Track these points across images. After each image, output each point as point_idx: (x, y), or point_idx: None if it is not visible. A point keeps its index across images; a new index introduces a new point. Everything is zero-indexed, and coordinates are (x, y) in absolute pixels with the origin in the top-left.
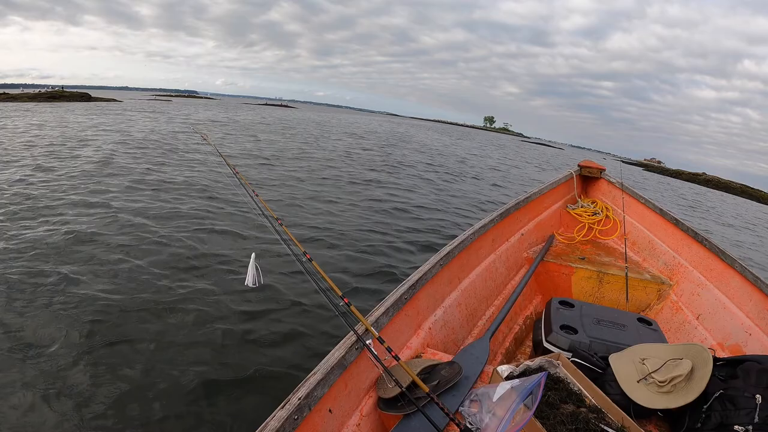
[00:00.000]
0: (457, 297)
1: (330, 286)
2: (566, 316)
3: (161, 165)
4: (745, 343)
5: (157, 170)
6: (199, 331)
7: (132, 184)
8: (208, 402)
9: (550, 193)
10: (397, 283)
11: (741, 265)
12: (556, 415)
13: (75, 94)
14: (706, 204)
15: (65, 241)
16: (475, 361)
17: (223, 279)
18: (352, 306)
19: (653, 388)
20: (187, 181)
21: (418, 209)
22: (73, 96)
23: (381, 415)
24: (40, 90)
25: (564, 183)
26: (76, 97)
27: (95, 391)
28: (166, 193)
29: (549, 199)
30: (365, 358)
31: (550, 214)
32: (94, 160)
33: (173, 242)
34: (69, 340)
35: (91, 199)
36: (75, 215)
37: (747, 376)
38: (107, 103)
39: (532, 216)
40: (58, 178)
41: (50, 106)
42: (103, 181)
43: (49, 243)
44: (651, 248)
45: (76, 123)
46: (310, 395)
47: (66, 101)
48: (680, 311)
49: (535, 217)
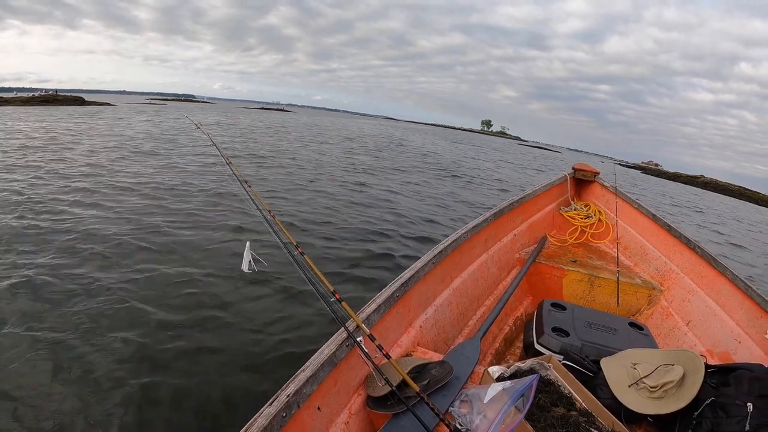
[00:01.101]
0: (449, 296)
1: (322, 281)
2: (558, 318)
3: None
4: (734, 350)
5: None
6: (186, 325)
7: (120, 182)
8: (194, 397)
9: (543, 194)
10: (383, 271)
11: (732, 272)
12: (547, 418)
13: (68, 98)
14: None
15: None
16: (465, 361)
17: (214, 272)
18: (343, 302)
19: (644, 393)
20: (182, 175)
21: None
22: (67, 100)
23: (370, 414)
24: (33, 94)
25: (558, 185)
26: (69, 101)
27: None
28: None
29: (542, 200)
30: (355, 356)
31: (543, 215)
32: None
33: (163, 233)
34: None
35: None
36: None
37: (739, 384)
38: (101, 107)
39: (525, 217)
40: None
41: (41, 109)
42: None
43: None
44: (643, 253)
45: (65, 128)
46: (299, 392)
47: (59, 105)
48: (670, 317)
49: (528, 219)
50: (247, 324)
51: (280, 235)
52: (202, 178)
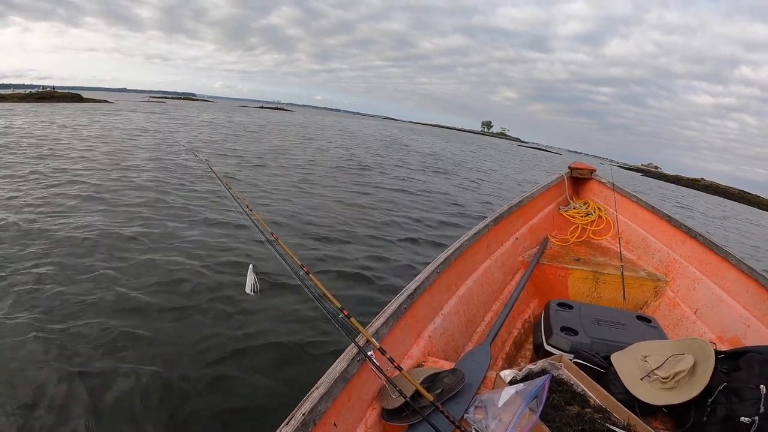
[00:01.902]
0: (456, 304)
1: (329, 299)
2: (565, 317)
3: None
4: (744, 335)
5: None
6: (191, 348)
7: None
8: (206, 424)
9: (541, 196)
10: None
11: (736, 257)
12: (562, 417)
13: (66, 95)
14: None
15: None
16: (476, 367)
17: (216, 293)
18: (352, 318)
19: (657, 385)
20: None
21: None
22: (64, 97)
23: (386, 426)
24: (31, 91)
25: (555, 185)
26: (66, 97)
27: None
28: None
29: (541, 202)
30: (367, 370)
31: (543, 217)
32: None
33: (166, 247)
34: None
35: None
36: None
37: (750, 368)
38: (98, 104)
39: (526, 220)
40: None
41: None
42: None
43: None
44: (645, 246)
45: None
46: (314, 410)
47: (56, 102)
48: (678, 307)
49: (529, 221)
50: (256, 345)
51: (285, 257)
52: (199, 201)
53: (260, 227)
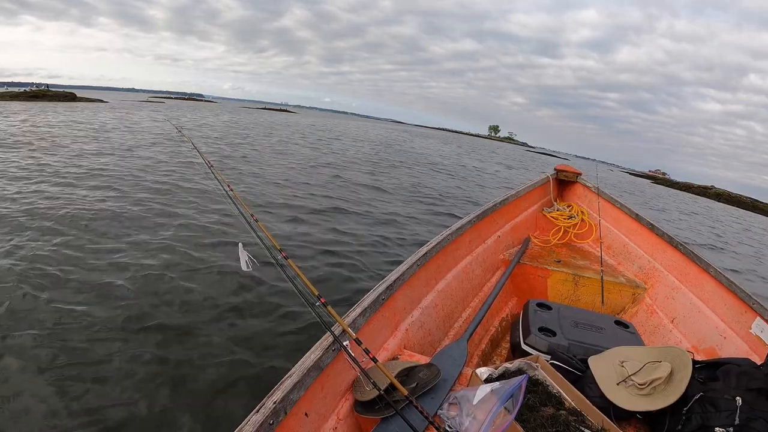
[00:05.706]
0: (434, 298)
1: (306, 285)
2: (544, 318)
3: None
4: (720, 346)
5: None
6: (167, 331)
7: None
8: (177, 404)
9: (526, 195)
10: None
11: (715, 269)
12: (536, 418)
13: (59, 94)
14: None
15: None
16: (452, 363)
17: (194, 276)
18: (328, 306)
19: (633, 391)
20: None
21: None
22: (57, 95)
23: (358, 419)
24: (25, 89)
25: (540, 186)
26: (59, 96)
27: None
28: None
29: (525, 201)
30: (342, 360)
31: (527, 216)
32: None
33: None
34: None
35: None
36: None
37: (727, 379)
38: (91, 103)
39: (509, 218)
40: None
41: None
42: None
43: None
44: (626, 252)
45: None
46: (286, 399)
47: (48, 101)
48: (655, 314)
49: (512, 220)
50: (229, 330)
51: (264, 239)
52: (184, 175)
53: (241, 209)
